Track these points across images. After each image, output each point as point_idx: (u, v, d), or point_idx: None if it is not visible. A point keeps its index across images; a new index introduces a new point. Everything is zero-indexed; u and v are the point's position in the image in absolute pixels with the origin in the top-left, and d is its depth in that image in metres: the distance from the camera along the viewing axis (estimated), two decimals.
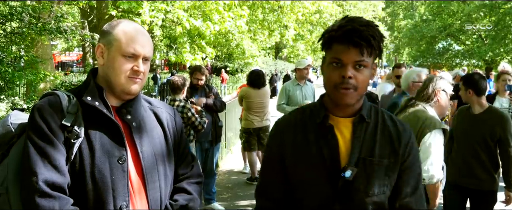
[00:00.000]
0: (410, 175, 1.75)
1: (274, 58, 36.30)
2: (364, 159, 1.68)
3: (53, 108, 1.67)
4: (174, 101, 5.30)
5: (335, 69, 1.64)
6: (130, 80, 1.75)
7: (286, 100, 6.62)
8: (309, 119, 1.78)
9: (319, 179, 1.69)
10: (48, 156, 1.61)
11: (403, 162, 1.73)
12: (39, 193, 1.56)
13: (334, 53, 1.64)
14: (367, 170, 1.67)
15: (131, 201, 1.74)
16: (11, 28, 6.07)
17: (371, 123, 1.74)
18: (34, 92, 6.65)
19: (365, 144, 1.70)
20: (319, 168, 1.69)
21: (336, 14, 21.44)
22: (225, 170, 8.61)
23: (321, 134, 1.72)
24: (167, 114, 1.99)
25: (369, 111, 1.76)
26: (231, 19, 10.52)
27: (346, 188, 1.66)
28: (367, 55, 1.62)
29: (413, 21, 39.33)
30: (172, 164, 1.94)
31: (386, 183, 1.71)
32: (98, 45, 1.80)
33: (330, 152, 1.69)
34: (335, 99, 1.67)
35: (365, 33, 1.59)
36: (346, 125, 1.73)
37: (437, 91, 3.31)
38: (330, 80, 1.65)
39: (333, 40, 1.64)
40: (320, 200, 1.70)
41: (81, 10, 24.56)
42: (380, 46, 1.66)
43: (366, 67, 1.63)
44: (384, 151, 1.71)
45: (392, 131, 1.75)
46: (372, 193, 1.68)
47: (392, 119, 1.80)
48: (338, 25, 1.64)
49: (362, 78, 1.63)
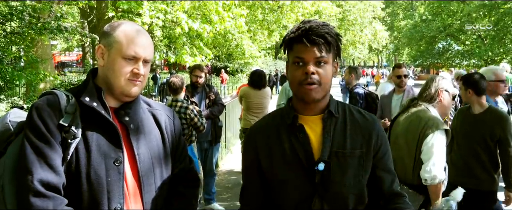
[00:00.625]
0: (387, 162, 1.85)
1: (274, 59, 36.30)
2: (336, 152, 1.74)
3: (52, 108, 1.67)
4: (176, 102, 5.30)
5: (298, 68, 1.72)
6: (130, 82, 1.74)
7: (286, 101, 6.61)
8: (280, 121, 1.85)
9: (296, 177, 1.75)
10: (44, 156, 1.60)
11: (376, 151, 1.81)
12: (33, 193, 1.55)
13: (295, 53, 1.73)
14: (341, 162, 1.74)
15: (126, 203, 1.73)
16: (11, 28, 6.07)
17: (340, 117, 1.82)
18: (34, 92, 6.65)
19: (336, 138, 1.77)
20: (294, 167, 1.75)
21: (335, 15, 21.45)
22: (225, 170, 8.61)
23: (292, 134, 1.78)
24: (166, 117, 1.98)
25: (336, 106, 1.84)
26: (231, 19, 10.52)
27: (323, 181, 1.73)
28: (326, 52, 1.70)
29: (412, 21, 39.35)
30: (169, 167, 1.93)
31: (361, 173, 1.78)
32: (99, 46, 1.79)
33: (303, 149, 1.75)
34: (301, 96, 1.74)
35: (321, 31, 1.69)
36: (315, 123, 1.80)
37: (439, 91, 3.31)
38: (295, 79, 1.74)
39: (293, 41, 1.74)
40: (300, 197, 1.76)
41: (81, 10, 24.57)
42: (338, 44, 1.76)
43: (326, 64, 1.72)
44: (355, 143, 1.78)
45: (361, 122, 1.83)
46: (349, 183, 1.75)
47: (360, 112, 1.88)
48: (297, 27, 1.75)
49: (324, 73, 1.71)
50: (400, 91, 5.60)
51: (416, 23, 37.63)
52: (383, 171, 1.83)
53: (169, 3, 9.62)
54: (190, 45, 10.40)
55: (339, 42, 1.77)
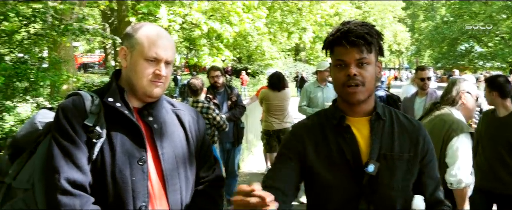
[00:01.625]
0: (432, 169, 1.84)
1: (294, 60, 36.23)
2: (385, 154, 1.73)
3: (77, 108, 1.70)
4: (197, 103, 5.33)
5: (341, 70, 1.72)
6: (152, 84, 1.76)
7: (307, 102, 6.60)
8: (326, 122, 1.83)
9: (342, 178, 1.73)
10: (70, 155, 1.63)
11: (423, 156, 1.80)
12: (61, 191, 1.59)
13: (336, 55, 1.73)
14: (389, 164, 1.73)
15: (151, 203, 1.75)
16: (35, 30, 6.16)
17: (387, 120, 1.81)
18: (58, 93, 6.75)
19: (384, 140, 1.76)
20: (342, 168, 1.74)
21: (355, 17, 21.31)
22: (246, 171, 8.62)
23: (339, 135, 1.77)
24: (190, 117, 1.99)
25: (383, 109, 1.83)
26: (250, 21, 10.52)
27: (370, 183, 1.71)
28: (367, 52, 1.69)
29: (433, 23, 38.88)
30: (193, 167, 1.94)
31: (409, 177, 1.77)
32: (122, 47, 1.82)
33: (351, 151, 1.74)
34: (346, 98, 1.74)
35: (361, 32, 1.67)
36: (363, 124, 1.79)
37: (461, 94, 3.25)
38: (338, 81, 1.74)
39: (334, 44, 1.74)
40: (346, 199, 1.73)
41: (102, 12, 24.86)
42: (379, 43, 1.75)
43: (369, 64, 1.70)
44: (403, 146, 1.77)
45: (408, 126, 1.82)
46: (397, 186, 1.73)
47: (406, 117, 1.88)
48: (336, 29, 1.74)
49: (367, 74, 1.70)
50: (423, 94, 5.53)
51: (437, 24, 37.17)
52: (428, 178, 1.82)
53: (187, 4, 9.65)
54: (210, 46, 10.44)
55: (381, 41, 1.76)
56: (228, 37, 9.85)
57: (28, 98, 5.81)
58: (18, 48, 5.92)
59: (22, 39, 6.02)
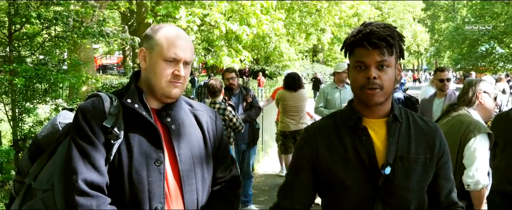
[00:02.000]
0: (447, 171, 1.83)
1: (311, 62, 36.14)
2: (402, 156, 1.72)
3: (96, 110, 1.72)
4: (214, 104, 5.38)
5: (360, 72, 1.70)
6: (170, 84, 1.77)
7: (324, 103, 6.59)
8: (342, 123, 1.82)
9: (358, 179, 1.72)
10: (88, 156, 1.65)
11: (439, 158, 1.80)
12: (78, 192, 1.61)
13: (356, 57, 1.71)
14: (406, 166, 1.72)
15: (167, 203, 1.76)
16: (55, 32, 6.26)
17: (404, 122, 1.79)
18: (77, 95, 6.84)
19: (400, 142, 1.75)
20: (357, 169, 1.73)
21: (374, 18, 21.14)
22: (261, 173, 8.61)
23: (355, 136, 1.76)
24: (208, 117, 2.00)
25: (399, 111, 1.82)
26: (269, 22, 10.52)
27: (386, 185, 1.70)
28: (388, 55, 1.67)
29: (454, 24, 38.40)
30: (210, 167, 1.95)
31: (425, 179, 1.76)
32: (141, 49, 1.83)
33: (367, 152, 1.72)
34: (364, 100, 1.73)
35: (383, 34, 1.66)
36: (379, 126, 1.78)
37: (478, 94, 3.21)
38: (356, 83, 1.72)
39: (355, 45, 1.72)
40: (361, 200, 1.73)
41: (122, 14, 25.11)
42: (400, 46, 1.73)
43: (389, 67, 1.69)
44: (420, 148, 1.76)
45: (425, 128, 1.81)
46: (413, 188, 1.73)
47: (422, 118, 1.86)
48: (357, 30, 1.72)
49: (386, 77, 1.68)
50: (441, 95, 5.48)
51: (458, 25, 36.70)
52: (443, 179, 1.82)
53: (206, 4, 9.69)
54: (229, 48, 10.47)
55: (402, 43, 1.75)
56: (246, 39, 9.86)
57: (48, 99, 5.89)
58: (39, 51, 6.02)
59: (43, 41, 6.12)
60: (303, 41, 19.11)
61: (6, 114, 5.68)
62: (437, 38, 46.43)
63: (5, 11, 5.82)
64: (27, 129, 5.57)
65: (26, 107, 5.51)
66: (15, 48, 5.74)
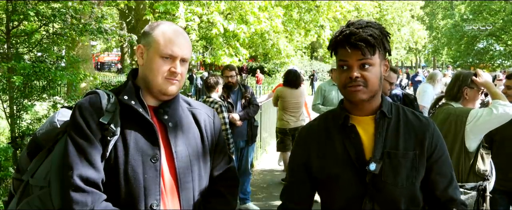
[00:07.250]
0: (442, 166, 1.80)
1: (309, 59, 36.11)
2: (389, 152, 1.74)
3: (93, 106, 1.72)
4: (209, 98, 5.46)
5: (344, 72, 1.74)
6: (167, 81, 1.78)
7: (321, 101, 6.58)
8: (332, 122, 1.87)
9: (347, 176, 1.75)
10: (84, 153, 1.66)
11: (431, 153, 1.78)
12: (73, 187, 1.62)
13: (340, 56, 1.75)
14: (393, 163, 1.73)
15: (163, 200, 1.77)
16: (54, 29, 6.23)
17: (393, 118, 1.81)
18: (75, 92, 6.81)
19: (388, 138, 1.76)
20: (346, 166, 1.76)
21: (373, 14, 21.15)
22: (260, 170, 8.63)
23: (344, 134, 1.80)
24: (206, 115, 2.01)
25: (389, 107, 1.83)
26: (267, 20, 10.50)
27: (374, 181, 1.72)
28: (370, 54, 1.69)
29: (452, 21, 38.43)
30: (207, 166, 1.96)
31: (414, 175, 1.75)
32: (138, 46, 1.84)
33: (355, 149, 1.76)
34: (348, 97, 1.77)
35: (363, 35, 1.67)
36: (368, 123, 1.80)
37: (463, 89, 3.27)
38: (340, 82, 1.76)
39: (338, 45, 1.75)
40: (350, 197, 1.76)
41: (120, 11, 25.08)
42: (384, 43, 1.74)
43: (372, 66, 1.71)
44: (408, 144, 1.76)
45: (415, 124, 1.81)
46: (401, 184, 1.73)
47: (414, 114, 1.87)
48: (340, 31, 1.75)
49: (369, 76, 1.70)
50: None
51: (456, 22, 36.72)
52: (437, 174, 1.79)
53: (205, 3, 9.68)
54: (227, 46, 10.45)
55: (386, 41, 1.76)
56: (244, 37, 9.85)
57: (45, 97, 5.87)
58: (37, 48, 6.00)
59: (41, 38, 6.11)
60: (301, 38, 19.07)
61: (4, 111, 5.67)
62: (435, 36, 46.47)
63: (2, 8, 5.80)
64: (25, 126, 5.55)
65: (24, 104, 5.49)
66: (13, 45, 5.72)
